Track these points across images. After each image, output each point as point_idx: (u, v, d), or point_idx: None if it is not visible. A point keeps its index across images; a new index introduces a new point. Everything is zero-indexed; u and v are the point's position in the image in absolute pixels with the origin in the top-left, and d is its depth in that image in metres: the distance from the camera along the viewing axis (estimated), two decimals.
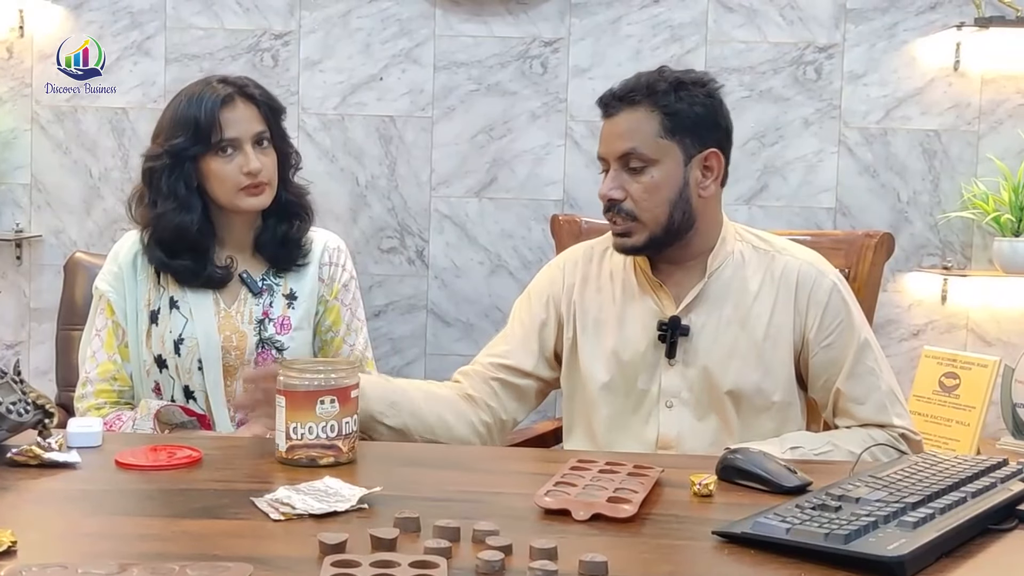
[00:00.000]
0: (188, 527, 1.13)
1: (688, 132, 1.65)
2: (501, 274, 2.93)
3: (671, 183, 1.64)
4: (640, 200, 1.64)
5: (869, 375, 1.67)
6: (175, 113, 1.83)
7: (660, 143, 1.64)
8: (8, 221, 2.95)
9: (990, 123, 2.87)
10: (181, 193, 1.81)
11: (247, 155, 1.80)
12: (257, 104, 1.84)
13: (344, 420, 1.38)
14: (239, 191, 1.81)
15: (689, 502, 1.27)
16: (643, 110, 1.64)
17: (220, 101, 1.80)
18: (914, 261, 2.90)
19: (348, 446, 1.39)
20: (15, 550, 1.02)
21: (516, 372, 1.75)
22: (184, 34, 2.91)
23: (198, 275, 1.83)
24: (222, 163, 1.80)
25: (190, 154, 1.80)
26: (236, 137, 1.80)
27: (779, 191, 2.90)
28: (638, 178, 1.64)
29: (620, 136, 1.65)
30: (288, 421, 1.37)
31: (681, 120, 1.64)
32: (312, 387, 1.37)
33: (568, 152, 2.90)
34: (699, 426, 1.68)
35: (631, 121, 1.65)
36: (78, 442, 1.41)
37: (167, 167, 1.81)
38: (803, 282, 1.70)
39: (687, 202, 1.65)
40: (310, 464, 1.37)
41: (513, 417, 1.77)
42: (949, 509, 1.14)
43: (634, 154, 1.64)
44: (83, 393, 1.85)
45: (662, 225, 1.65)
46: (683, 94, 1.65)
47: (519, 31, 2.89)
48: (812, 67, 2.88)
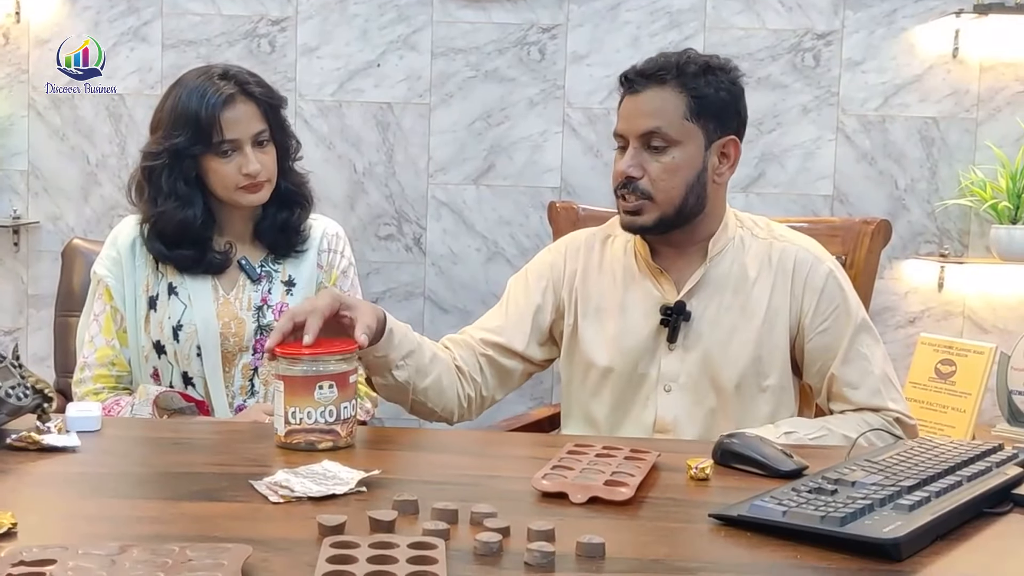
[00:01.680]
0: (187, 509, 1.13)
1: (712, 117, 1.64)
2: (498, 261, 2.93)
3: (691, 166, 1.64)
4: (658, 180, 1.63)
5: (863, 360, 1.67)
6: (175, 107, 1.81)
7: (685, 125, 1.63)
8: (6, 208, 2.95)
9: (988, 110, 2.87)
10: (182, 190, 1.81)
11: (246, 156, 1.80)
12: (257, 102, 1.82)
13: (342, 405, 1.38)
14: (237, 189, 1.81)
15: (686, 486, 1.27)
16: (671, 90, 1.63)
17: (222, 102, 1.78)
18: (911, 248, 2.91)
19: (346, 431, 1.39)
20: (15, 532, 1.03)
21: (505, 351, 1.75)
22: (181, 20, 2.91)
23: (198, 263, 1.84)
24: (221, 163, 1.80)
25: (190, 153, 1.80)
26: (236, 138, 1.80)
27: (777, 178, 2.91)
28: (659, 158, 1.63)
29: (645, 114, 1.64)
30: (287, 406, 1.37)
31: (708, 104, 1.64)
32: (311, 372, 1.38)
33: (566, 139, 2.90)
34: (695, 410, 1.69)
35: (658, 100, 1.63)
36: (77, 426, 1.41)
37: (167, 166, 1.80)
38: (799, 268, 1.70)
39: (703, 186, 1.66)
40: (309, 448, 1.37)
41: (492, 395, 1.76)
42: (945, 492, 1.15)
43: (658, 133, 1.63)
44: (81, 378, 1.86)
45: (675, 207, 1.65)
46: (711, 78, 1.64)
47: (517, 17, 2.89)
48: (811, 54, 2.88)
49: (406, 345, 1.56)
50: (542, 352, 1.79)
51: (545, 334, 1.78)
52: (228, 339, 1.83)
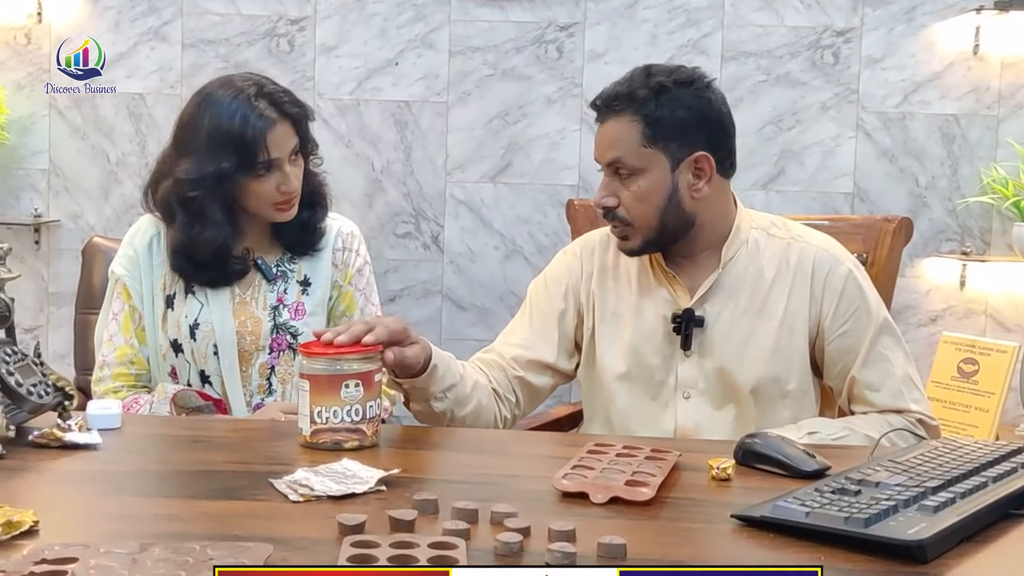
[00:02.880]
0: (208, 508, 1.14)
1: (673, 138, 1.62)
2: (516, 259, 2.93)
3: (659, 190, 1.63)
4: (631, 207, 1.64)
5: (884, 361, 1.66)
6: (215, 130, 1.76)
7: (644, 152, 1.62)
8: (27, 206, 2.97)
9: (1010, 107, 2.85)
10: (219, 217, 1.79)
11: (286, 175, 1.79)
12: (294, 121, 1.82)
13: (368, 404, 1.38)
14: (272, 206, 1.81)
15: (707, 486, 1.26)
16: (626, 119, 1.62)
17: (267, 127, 1.75)
18: (932, 246, 2.89)
19: (372, 429, 1.39)
20: (37, 530, 1.03)
21: (537, 366, 1.74)
22: (201, 19, 2.92)
23: (222, 278, 1.84)
24: (260, 183, 1.78)
25: (233, 180, 1.77)
26: (278, 158, 1.79)
27: (796, 176, 2.89)
28: (628, 185, 1.64)
29: (607, 144, 1.65)
30: (312, 405, 1.37)
31: (664, 127, 1.61)
32: (336, 371, 1.37)
33: (583, 137, 2.89)
34: (717, 416, 1.68)
35: (615, 130, 1.64)
36: (98, 423, 1.42)
37: (208, 193, 1.77)
38: (819, 269, 1.68)
39: (678, 206, 1.64)
40: (335, 448, 1.36)
41: (524, 412, 1.79)
42: (970, 494, 1.14)
43: (620, 163, 1.63)
44: (100, 376, 1.86)
45: (655, 230, 1.64)
46: (664, 99, 1.61)
47: (535, 16, 2.88)
48: (830, 51, 2.86)
49: (448, 379, 1.58)
50: (570, 362, 1.78)
51: (571, 339, 1.77)
52: (244, 338, 1.84)
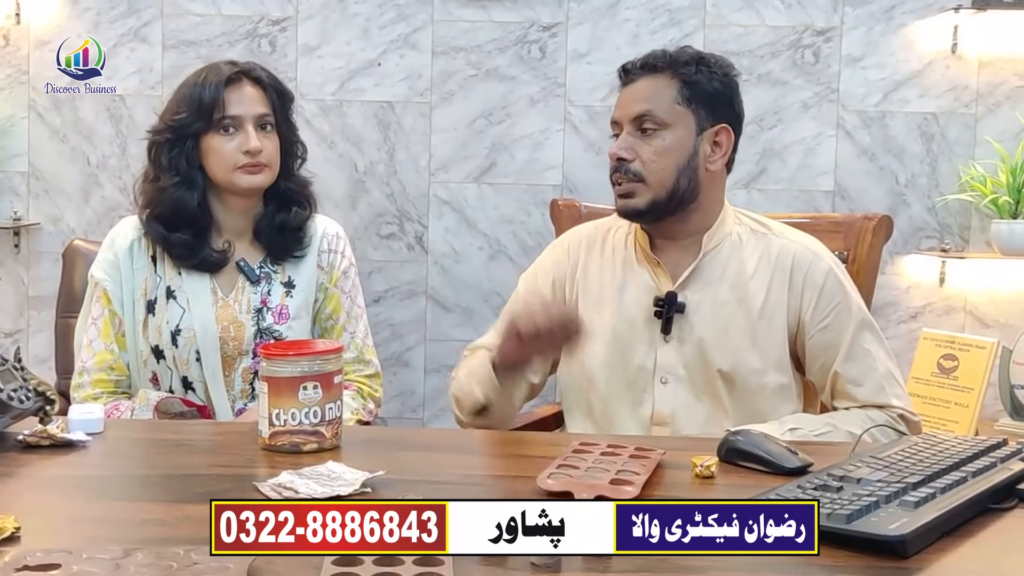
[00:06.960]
0: (191, 512, 1.13)
1: (704, 104, 1.68)
2: (501, 259, 2.93)
3: (681, 149, 1.67)
4: (649, 162, 1.67)
5: (866, 357, 1.68)
6: (181, 92, 1.85)
7: (676, 109, 1.67)
8: (6, 209, 2.95)
9: (988, 105, 2.87)
10: (183, 168, 1.82)
11: (248, 134, 1.80)
12: (263, 87, 1.85)
13: (327, 406, 1.37)
14: (236, 169, 1.81)
15: (691, 484, 1.27)
16: (663, 77, 1.69)
17: (225, 80, 1.82)
18: (912, 244, 2.90)
19: (332, 432, 1.38)
20: (19, 536, 1.03)
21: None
22: (181, 20, 2.90)
23: (195, 252, 1.83)
24: (223, 141, 1.81)
25: (192, 130, 1.81)
26: (238, 115, 1.81)
27: (778, 174, 2.90)
28: (649, 140, 1.67)
29: (637, 100, 1.69)
30: (271, 407, 1.36)
31: (699, 91, 1.68)
32: (295, 373, 1.37)
33: (567, 137, 2.89)
34: (694, 404, 1.69)
35: (650, 86, 1.69)
36: (80, 428, 1.41)
37: (169, 142, 1.82)
38: (799, 264, 1.70)
39: (694, 171, 1.68)
40: (293, 450, 1.36)
41: (517, 409, 1.81)
42: (950, 489, 1.15)
43: (649, 116, 1.67)
44: (80, 383, 1.85)
45: (667, 189, 1.67)
46: (703, 68, 1.69)
47: (517, 16, 2.88)
48: (810, 50, 2.88)
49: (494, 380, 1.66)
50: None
51: None
52: (227, 343, 1.83)
